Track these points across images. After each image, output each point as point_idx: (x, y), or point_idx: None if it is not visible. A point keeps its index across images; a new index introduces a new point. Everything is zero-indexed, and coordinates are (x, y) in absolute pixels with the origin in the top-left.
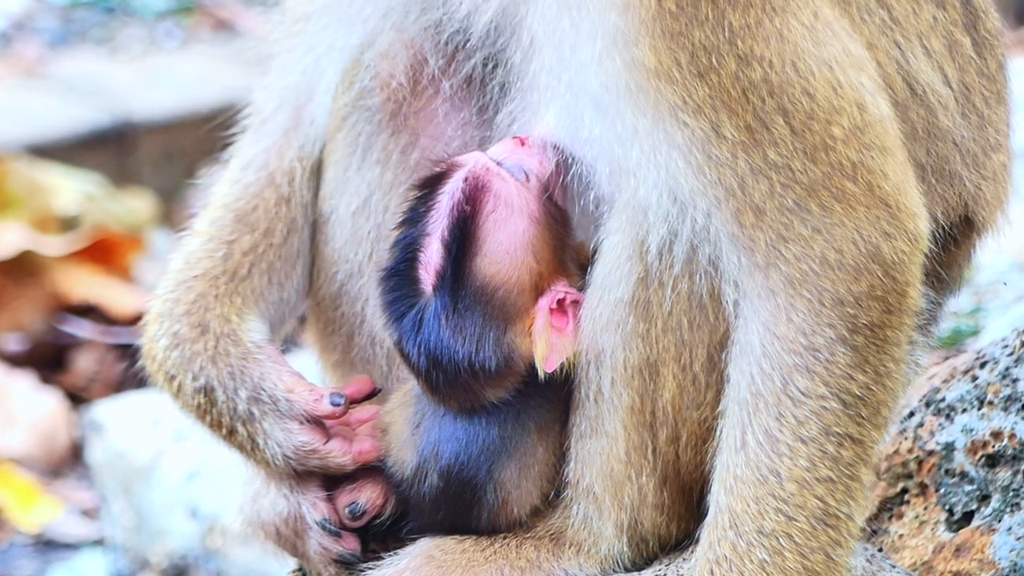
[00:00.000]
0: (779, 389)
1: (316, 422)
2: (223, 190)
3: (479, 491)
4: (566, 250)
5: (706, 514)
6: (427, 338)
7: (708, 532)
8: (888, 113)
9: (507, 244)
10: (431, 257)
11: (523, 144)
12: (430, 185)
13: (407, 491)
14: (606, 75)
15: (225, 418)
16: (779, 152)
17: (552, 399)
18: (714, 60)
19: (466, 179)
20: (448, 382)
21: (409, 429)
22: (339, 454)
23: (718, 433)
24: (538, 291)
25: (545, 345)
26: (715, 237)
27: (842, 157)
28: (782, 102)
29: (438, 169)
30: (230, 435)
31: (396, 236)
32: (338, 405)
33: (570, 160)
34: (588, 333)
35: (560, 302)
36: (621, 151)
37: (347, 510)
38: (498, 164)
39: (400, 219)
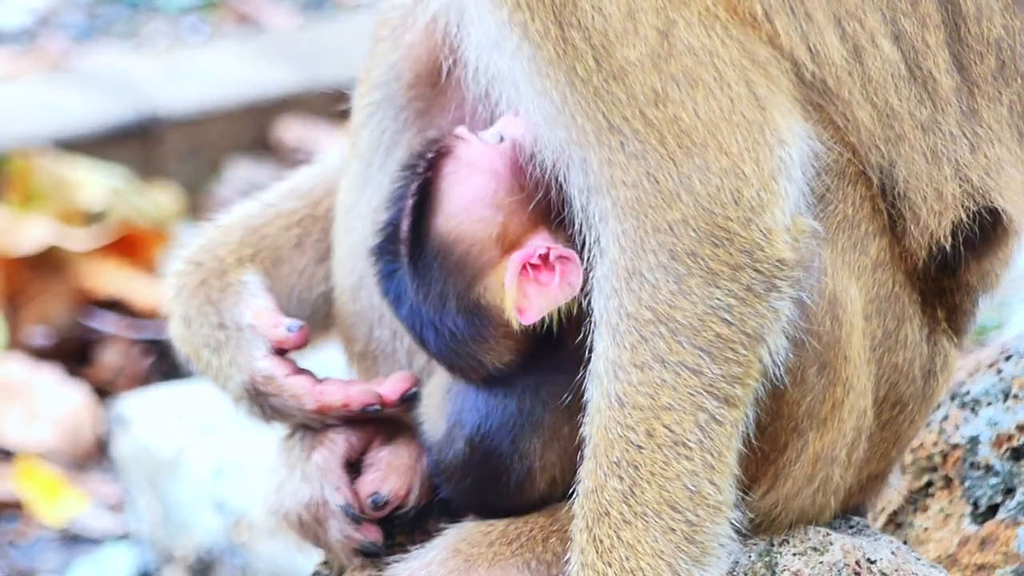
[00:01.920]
0: (615, 313)
1: (285, 356)
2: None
3: (504, 460)
4: (549, 208)
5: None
6: (408, 307)
7: (582, 467)
8: (721, 50)
9: (465, 201)
10: (403, 228)
11: (514, 116)
12: (412, 166)
13: (438, 455)
14: None
15: (199, 346)
16: (584, 68)
17: (570, 373)
18: None
19: (432, 151)
20: (441, 351)
21: (441, 394)
22: (299, 389)
23: None
24: (507, 245)
25: (514, 296)
26: (563, 161)
27: (642, 83)
28: (581, 17)
29: (420, 151)
30: (207, 367)
31: (383, 218)
32: (293, 331)
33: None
34: None
35: (543, 257)
36: (487, 69)
37: (369, 500)
38: (473, 133)
39: (387, 202)
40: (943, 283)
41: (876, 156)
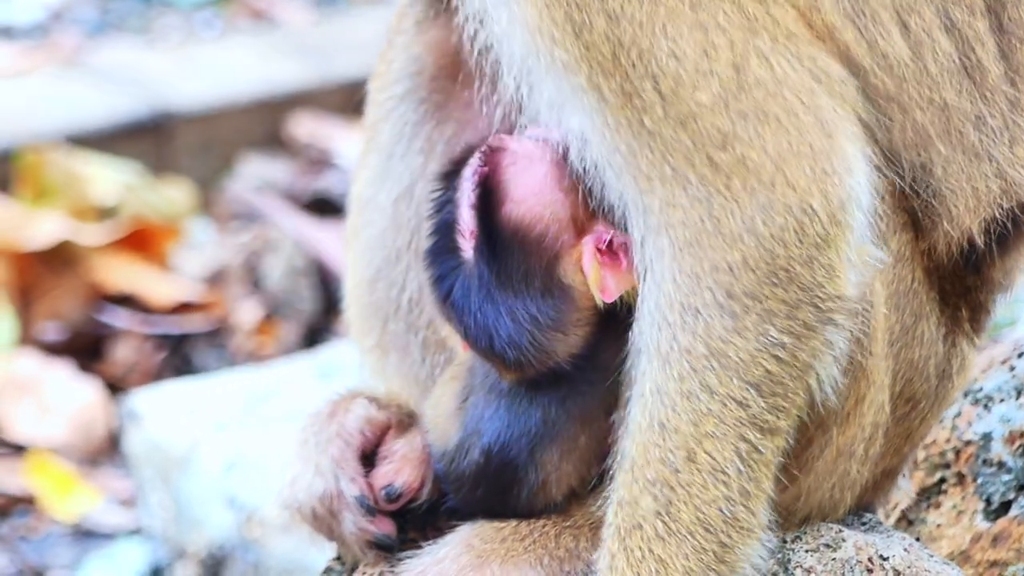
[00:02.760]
0: (666, 344)
1: None
2: None
3: (520, 471)
4: (596, 201)
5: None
6: (480, 299)
7: (618, 475)
8: (793, 74)
9: (532, 185)
10: (464, 224)
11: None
12: (453, 170)
13: (448, 465)
14: (518, 43)
15: None
16: (652, 119)
17: (598, 387)
18: (586, 17)
19: (483, 150)
20: (514, 343)
21: (456, 403)
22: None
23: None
24: (579, 228)
25: (597, 275)
26: (624, 204)
27: (710, 126)
28: (651, 66)
29: (458, 156)
30: None
31: (431, 223)
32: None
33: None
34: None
35: (608, 243)
36: (555, 120)
37: (383, 492)
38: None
39: (431, 208)
40: (968, 281)
41: (912, 155)
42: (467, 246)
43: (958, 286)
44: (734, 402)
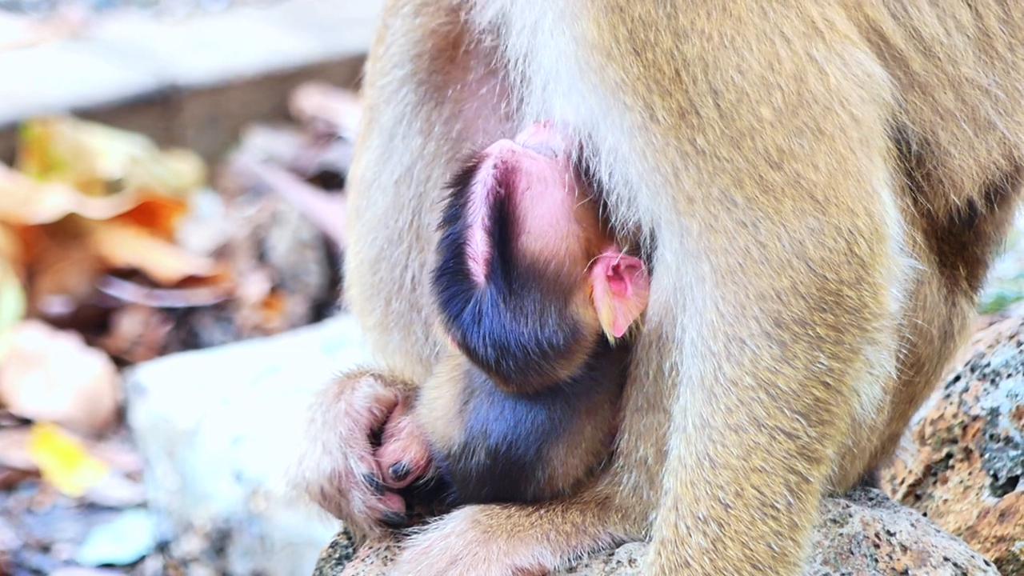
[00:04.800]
0: (711, 376)
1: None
2: None
3: (527, 469)
4: (607, 219)
5: None
6: (490, 327)
7: (659, 512)
8: (844, 84)
9: (548, 217)
10: (477, 247)
11: (545, 126)
12: (462, 180)
13: (452, 466)
14: (560, 53)
15: None
16: (707, 138)
17: (602, 381)
18: (651, 35)
19: (495, 165)
20: (520, 368)
21: (457, 406)
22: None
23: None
24: (590, 259)
25: (608, 311)
26: (657, 224)
27: (768, 143)
28: (714, 81)
29: (467, 164)
30: None
31: (439, 237)
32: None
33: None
34: (651, 315)
35: (615, 268)
36: (588, 134)
37: (391, 470)
38: (524, 146)
39: (440, 219)
40: (964, 237)
41: (925, 131)
42: (479, 272)
43: (954, 244)
44: (783, 434)
